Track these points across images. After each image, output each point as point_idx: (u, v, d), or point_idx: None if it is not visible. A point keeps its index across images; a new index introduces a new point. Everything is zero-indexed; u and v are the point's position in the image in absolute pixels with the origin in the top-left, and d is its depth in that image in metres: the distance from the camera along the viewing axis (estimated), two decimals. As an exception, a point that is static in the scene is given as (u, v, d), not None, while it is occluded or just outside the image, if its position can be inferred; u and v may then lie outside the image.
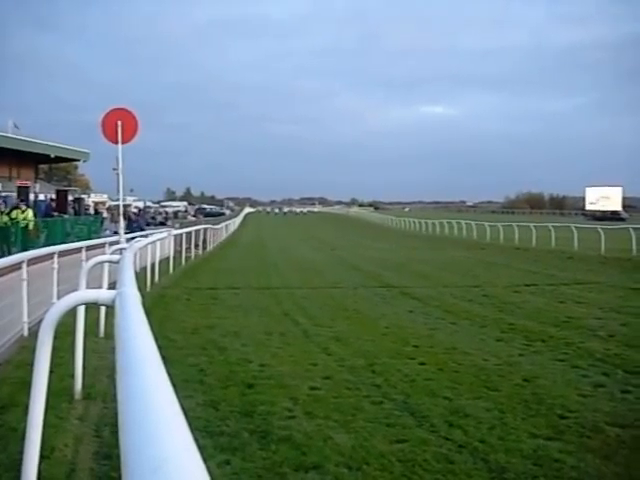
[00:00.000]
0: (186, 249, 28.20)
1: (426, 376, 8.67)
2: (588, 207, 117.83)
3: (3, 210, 27.63)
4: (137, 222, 35.13)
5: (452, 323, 12.89)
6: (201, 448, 1.16)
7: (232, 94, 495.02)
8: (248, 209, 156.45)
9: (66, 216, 38.00)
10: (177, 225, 36.54)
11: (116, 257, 8.75)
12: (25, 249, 18.53)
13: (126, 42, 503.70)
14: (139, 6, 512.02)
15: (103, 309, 9.77)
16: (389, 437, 6.39)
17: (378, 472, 5.55)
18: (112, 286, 8.22)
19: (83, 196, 60.57)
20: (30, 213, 27.59)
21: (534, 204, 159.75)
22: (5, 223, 26.03)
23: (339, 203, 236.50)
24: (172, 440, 1.12)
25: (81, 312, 7.76)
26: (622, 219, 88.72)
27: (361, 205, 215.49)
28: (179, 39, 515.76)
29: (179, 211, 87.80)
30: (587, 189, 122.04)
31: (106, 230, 38.47)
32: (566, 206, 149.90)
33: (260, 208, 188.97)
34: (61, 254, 12.81)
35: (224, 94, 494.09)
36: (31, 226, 26.68)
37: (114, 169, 14.78)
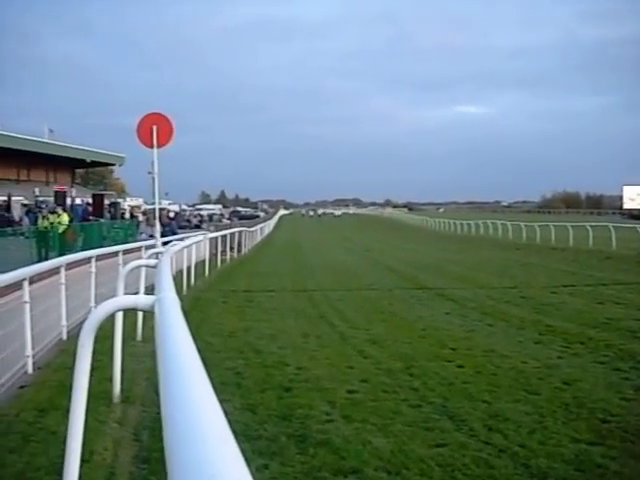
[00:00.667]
0: (221, 252, 28.30)
1: (464, 379, 8.60)
2: (626, 206, 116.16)
3: (45, 215, 27.99)
4: (170, 225, 34.39)
5: (489, 325, 12.78)
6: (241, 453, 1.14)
7: (264, 96, 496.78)
8: (282, 211, 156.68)
9: (102, 220, 38.41)
10: (212, 228, 36.65)
11: (153, 261, 8.81)
12: (62, 253, 18.76)
13: (156, 47, 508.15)
14: (168, 11, 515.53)
15: (141, 313, 9.85)
16: (428, 441, 6.34)
17: (417, 477, 5.51)
18: (149, 289, 8.27)
19: (119, 200, 61.21)
20: (65, 217, 27.91)
21: (570, 203, 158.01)
22: (46, 227, 26.36)
23: (373, 204, 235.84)
24: (220, 453, 1.10)
25: (119, 316, 7.81)
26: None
27: (395, 206, 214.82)
28: (209, 43, 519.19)
29: (214, 214, 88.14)
30: (624, 187, 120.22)
31: (142, 234, 38.75)
32: (603, 205, 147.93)
33: (291, 210, 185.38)
34: (98, 258, 12.94)
35: (256, 96, 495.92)
36: (61, 230, 26.94)
37: (149, 173, 14.88)
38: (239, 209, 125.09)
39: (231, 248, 31.99)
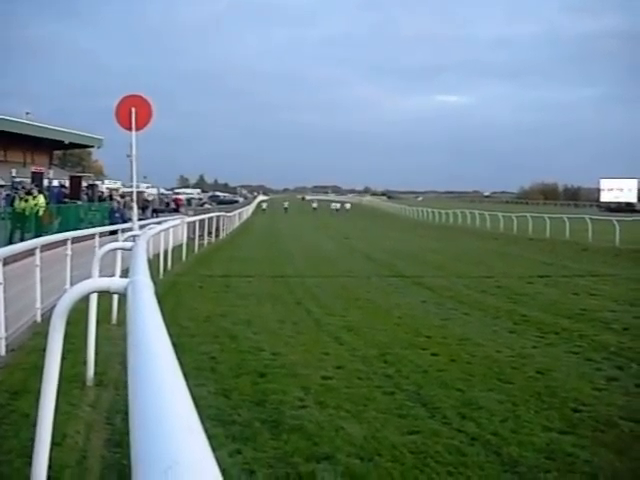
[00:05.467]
0: (199, 236, 28.21)
1: (438, 367, 8.63)
2: (603, 198, 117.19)
3: (22, 196, 27.71)
4: (119, 211, 31.66)
5: (465, 314, 12.84)
6: (212, 437, 1.13)
7: (247, 82, 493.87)
8: (262, 197, 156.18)
9: (80, 202, 38.09)
10: (191, 212, 36.47)
11: (129, 244, 8.74)
12: (39, 235, 18.59)
13: (142, 29, 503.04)
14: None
15: (116, 295, 9.79)
16: (401, 428, 6.36)
17: (390, 463, 5.52)
18: (125, 273, 8.22)
19: (97, 182, 60.74)
20: (41, 199, 27.62)
21: (548, 195, 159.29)
22: (23, 209, 26.10)
23: (352, 192, 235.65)
24: (184, 438, 1.09)
25: (94, 299, 7.76)
26: (637, 211, 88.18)
27: (374, 194, 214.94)
28: (194, 26, 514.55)
29: (192, 198, 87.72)
30: (602, 180, 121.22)
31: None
32: (580, 197, 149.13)
33: (263, 197, 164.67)
34: (74, 240, 12.83)
35: (239, 81, 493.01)
36: (41, 212, 26.69)
37: (128, 156, 14.78)
38: (218, 194, 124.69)
39: (209, 233, 31.90)
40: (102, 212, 37.28)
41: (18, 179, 44.40)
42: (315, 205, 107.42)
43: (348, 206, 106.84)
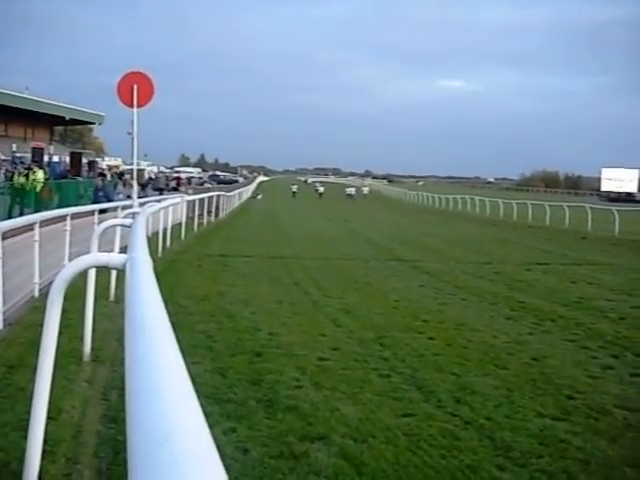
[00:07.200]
0: (199, 215, 28.17)
1: (435, 351, 8.65)
2: (603, 188, 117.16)
3: (21, 172, 27.62)
4: (103, 190, 27.41)
5: (462, 299, 12.85)
6: (207, 415, 1.13)
7: (251, 62, 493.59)
8: (262, 177, 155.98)
9: (80, 179, 38.00)
10: (191, 191, 36.41)
11: (128, 221, 8.73)
12: (38, 210, 18.54)
13: (147, 7, 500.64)
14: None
15: (114, 272, 9.78)
16: (396, 411, 6.38)
17: (383, 445, 5.54)
18: (124, 250, 8.22)
19: (97, 159, 60.65)
20: (40, 174, 27.50)
21: (549, 183, 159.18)
22: (22, 185, 26.02)
23: (352, 174, 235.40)
24: (179, 412, 1.09)
25: (92, 275, 7.76)
26: (637, 201, 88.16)
27: (375, 177, 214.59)
28: (199, 4, 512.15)
29: (192, 177, 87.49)
30: (603, 170, 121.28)
31: (119, 194, 38.38)
32: (581, 186, 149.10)
33: (264, 178, 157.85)
34: (73, 216, 12.81)
35: (243, 61, 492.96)
36: (39, 188, 26.58)
37: (129, 133, 14.73)
38: (218, 173, 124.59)
39: (209, 212, 31.87)
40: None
41: (19, 154, 44.30)
42: (321, 190, 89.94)
43: (366, 190, 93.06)
